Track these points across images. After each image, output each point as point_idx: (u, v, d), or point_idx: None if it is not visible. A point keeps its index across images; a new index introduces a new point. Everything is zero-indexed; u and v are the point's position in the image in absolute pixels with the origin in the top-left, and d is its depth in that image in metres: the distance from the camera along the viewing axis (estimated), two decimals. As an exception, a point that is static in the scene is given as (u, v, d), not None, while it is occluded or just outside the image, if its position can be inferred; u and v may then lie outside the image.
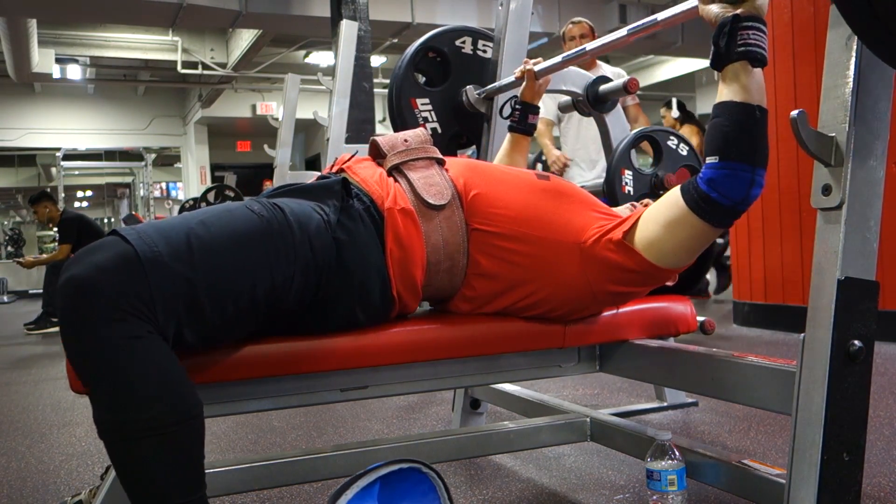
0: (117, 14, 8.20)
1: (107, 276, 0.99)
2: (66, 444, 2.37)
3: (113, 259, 1.00)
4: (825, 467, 1.00)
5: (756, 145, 1.16)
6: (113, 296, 0.98)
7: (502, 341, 1.39)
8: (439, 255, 1.30)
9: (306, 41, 10.92)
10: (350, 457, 1.47)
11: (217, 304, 1.09)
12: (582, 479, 1.76)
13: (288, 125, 5.10)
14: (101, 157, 14.15)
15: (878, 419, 2.12)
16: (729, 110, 1.16)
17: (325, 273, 1.20)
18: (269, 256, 1.13)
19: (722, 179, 1.17)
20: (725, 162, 1.16)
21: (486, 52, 2.26)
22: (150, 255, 1.02)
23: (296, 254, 1.16)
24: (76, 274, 0.99)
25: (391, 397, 2.64)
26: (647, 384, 2.66)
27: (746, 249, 4.22)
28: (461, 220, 1.32)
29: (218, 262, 1.09)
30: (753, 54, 1.14)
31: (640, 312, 1.51)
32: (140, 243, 1.03)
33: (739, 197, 1.17)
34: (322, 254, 1.19)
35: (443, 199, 1.31)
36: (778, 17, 3.88)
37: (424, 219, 1.29)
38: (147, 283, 1.01)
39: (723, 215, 1.20)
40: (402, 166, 1.35)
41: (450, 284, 1.35)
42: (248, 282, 1.12)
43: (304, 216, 1.20)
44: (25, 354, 4.84)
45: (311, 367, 1.24)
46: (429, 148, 1.39)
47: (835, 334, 1.01)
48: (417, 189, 1.31)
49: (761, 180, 1.17)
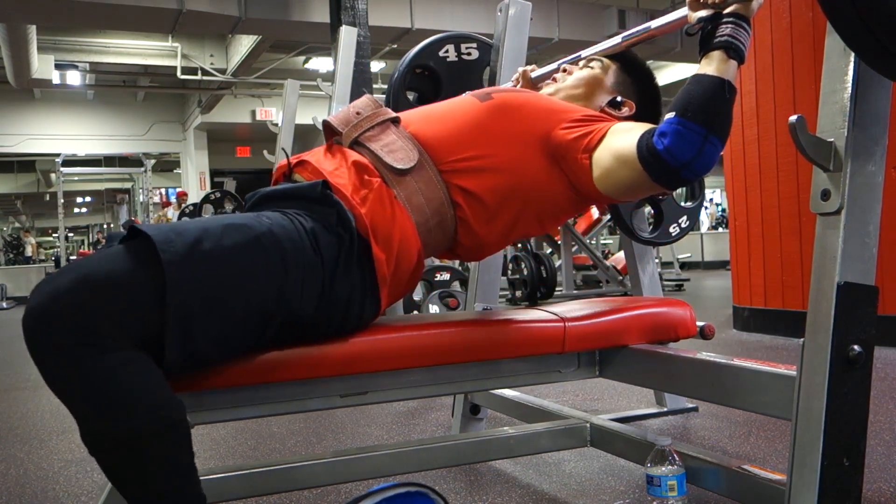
0: (117, 20, 8.22)
1: (61, 302, 0.97)
2: (65, 450, 2.37)
3: (71, 282, 0.98)
4: (825, 472, 1.00)
5: (717, 113, 1.18)
6: (71, 320, 0.96)
7: (502, 347, 1.39)
8: (426, 214, 1.29)
9: (305, 47, 10.95)
10: (350, 463, 1.47)
11: (220, 314, 1.06)
12: (582, 484, 1.75)
13: (287, 131, 5.10)
14: (100, 163, 14.15)
15: (879, 424, 2.12)
16: (699, 79, 1.21)
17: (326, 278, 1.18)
18: (272, 262, 1.11)
19: (672, 135, 1.18)
20: (681, 119, 1.18)
21: (471, 55, 2.26)
22: (113, 274, 1.00)
23: (304, 259, 1.14)
24: (33, 304, 0.99)
25: (391, 403, 2.64)
26: (646, 389, 2.66)
27: (746, 254, 4.23)
28: (435, 173, 1.30)
29: (221, 268, 1.07)
30: (729, 44, 1.19)
31: (640, 317, 1.50)
32: (126, 264, 1.02)
33: (685, 158, 1.18)
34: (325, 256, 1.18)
35: (411, 161, 1.29)
36: (776, 23, 3.88)
37: (400, 186, 1.27)
38: (109, 300, 0.98)
39: (662, 172, 1.21)
40: (361, 138, 1.32)
41: (444, 237, 1.34)
42: (257, 290, 1.10)
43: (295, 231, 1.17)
44: (24, 360, 4.84)
45: (310, 373, 1.24)
46: (380, 112, 1.36)
47: (834, 339, 1.01)
48: (383, 158, 1.28)
49: (712, 150, 1.17)
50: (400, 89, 2.21)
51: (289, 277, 1.12)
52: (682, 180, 1.22)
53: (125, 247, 1.05)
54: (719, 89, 1.19)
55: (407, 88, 2.23)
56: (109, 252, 1.05)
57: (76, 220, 24.28)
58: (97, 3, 7.33)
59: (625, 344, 1.49)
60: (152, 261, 1.01)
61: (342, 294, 1.19)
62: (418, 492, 1.23)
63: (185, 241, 1.04)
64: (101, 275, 1.00)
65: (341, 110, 1.39)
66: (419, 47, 2.24)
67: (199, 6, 7.70)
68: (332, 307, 1.19)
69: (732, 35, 1.20)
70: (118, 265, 1.02)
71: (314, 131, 4.82)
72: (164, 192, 16.18)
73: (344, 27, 4.20)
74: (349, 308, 1.21)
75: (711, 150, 1.17)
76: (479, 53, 2.28)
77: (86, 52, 10.60)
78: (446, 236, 1.34)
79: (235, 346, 1.13)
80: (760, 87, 4.01)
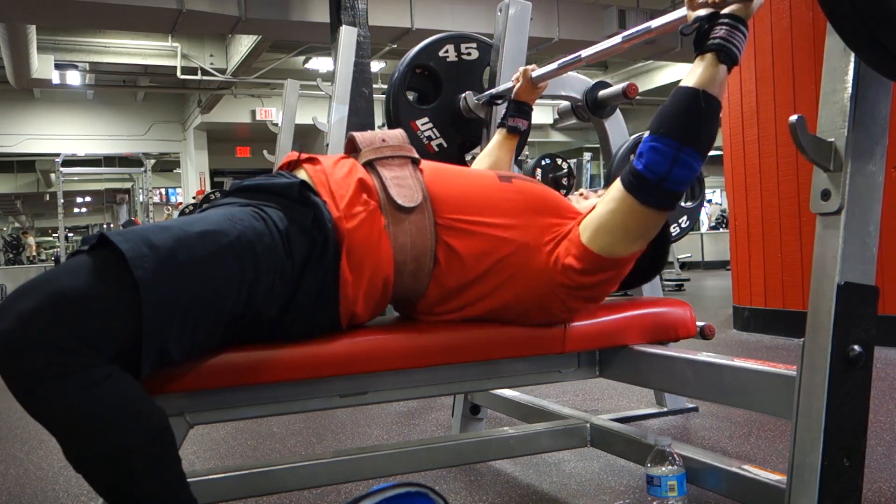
0: (117, 20, 8.22)
1: (29, 326, 0.94)
2: (65, 450, 2.37)
3: (39, 302, 0.96)
4: (825, 473, 1.00)
5: (689, 126, 1.19)
6: (39, 344, 0.94)
7: (502, 347, 1.39)
8: (406, 255, 1.27)
9: (305, 47, 10.95)
10: (350, 463, 1.46)
11: (194, 325, 1.06)
12: (582, 484, 1.75)
13: (287, 131, 5.10)
14: (100, 163, 14.13)
15: (879, 424, 2.12)
16: (674, 93, 1.22)
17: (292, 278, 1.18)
18: (246, 269, 1.11)
19: (648, 152, 1.20)
20: (654, 136, 1.21)
21: (471, 54, 2.26)
22: (83, 293, 0.98)
23: (275, 262, 1.14)
24: (1, 329, 0.95)
25: (391, 403, 2.64)
26: (646, 389, 2.66)
27: (746, 254, 4.23)
28: (431, 223, 1.29)
29: (196, 281, 1.06)
30: (721, 47, 1.18)
31: (640, 317, 1.50)
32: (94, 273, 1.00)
33: (663, 171, 1.19)
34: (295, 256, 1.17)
35: (413, 202, 1.28)
36: (777, 23, 3.89)
37: (393, 220, 1.26)
38: (81, 321, 0.96)
39: (649, 191, 1.21)
40: (376, 163, 1.32)
41: (414, 288, 1.31)
42: (228, 297, 1.09)
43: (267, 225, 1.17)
44: (24, 360, 4.83)
45: (310, 373, 1.24)
46: (405, 147, 1.37)
47: (835, 339, 1.01)
48: (388, 188, 1.28)
49: (689, 160, 1.19)
50: (400, 89, 2.21)
51: (259, 282, 1.12)
52: (666, 193, 1.21)
53: (94, 259, 1.02)
54: (693, 102, 1.19)
55: (407, 88, 2.23)
56: (77, 264, 1.01)
57: (76, 220, 24.28)
58: (97, 3, 7.33)
59: (625, 344, 1.49)
60: (124, 275, 0.99)
61: (307, 296, 1.19)
62: (418, 492, 1.23)
63: (158, 257, 1.02)
64: (70, 294, 0.97)
65: (370, 132, 1.41)
66: (419, 47, 2.24)
67: (199, 6, 7.69)
68: (295, 309, 1.19)
69: (726, 38, 1.19)
70: (87, 282, 0.99)
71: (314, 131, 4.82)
72: (164, 192, 16.19)
73: (344, 27, 4.19)
74: (313, 311, 1.21)
75: (687, 159, 1.19)
76: (479, 53, 2.28)
77: (86, 52, 10.60)
78: (416, 288, 1.32)
79: (202, 350, 1.13)
80: (760, 87, 4.02)
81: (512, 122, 1.85)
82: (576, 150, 15.38)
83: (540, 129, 15.69)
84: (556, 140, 16.56)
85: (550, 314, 1.38)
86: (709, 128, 1.21)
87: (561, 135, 16.46)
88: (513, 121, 1.85)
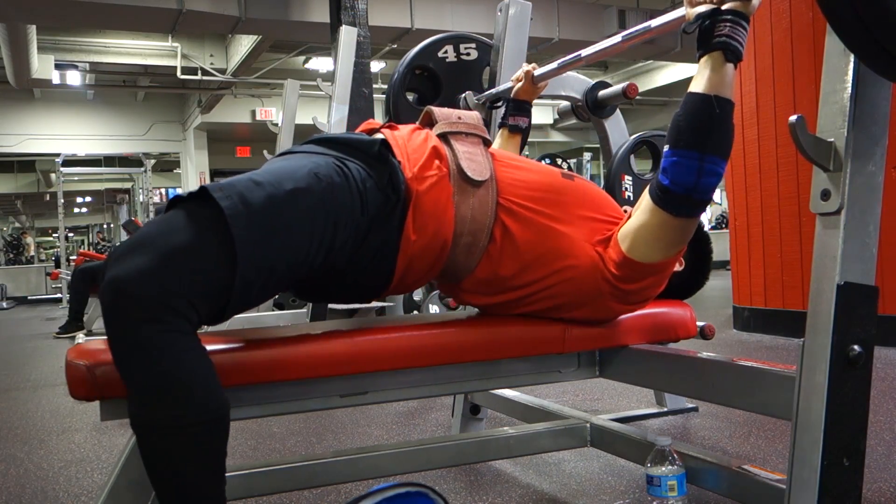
0: (117, 20, 8.21)
1: (147, 279, 1.00)
2: (65, 450, 2.37)
3: (154, 259, 1.01)
4: (825, 472, 1.00)
5: (707, 134, 1.19)
6: (152, 298, 0.99)
7: (502, 346, 1.39)
8: (464, 227, 1.30)
9: (306, 47, 10.94)
10: (349, 463, 1.47)
11: (276, 279, 1.13)
12: (582, 484, 1.75)
13: (287, 131, 5.09)
14: (100, 163, 14.13)
15: (879, 424, 2.12)
16: (686, 101, 1.21)
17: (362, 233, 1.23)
18: (326, 227, 1.16)
19: (671, 167, 1.21)
20: (674, 150, 1.20)
21: (470, 55, 2.25)
22: (192, 253, 1.04)
23: (352, 219, 1.19)
24: (117, 276, 1.00)
25: (391, 403, 2.64)
26: (647, 389, 2.66)
27: (746, 254, 4.23)
28: (493, 201, 1.32)
29: (285, 240, 1.12)
30: (727, 45, 1.17)
31: (640, 318, 1.50)
32: (198, 234, 1.06)
33: (690, 183, 1.20)
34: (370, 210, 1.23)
35: (481, 176, 1.32)
36: (777, 23, 3.89)
37: (459, 190, 1.30)
38: (191, 282, 1.02)
39: (679, 204, 1.22)
40: (451, 136, 1.37)
41: (465, 263, 1.34)
42: (310, 255, 1.15)
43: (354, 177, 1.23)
44: (24, 360, 4.83)
45: (310, 373, 1.24)
46: (479, 127, 1.42)
47: (834, 339, 1.01)
48: (460, 160, 1.32)
49: (714, 167, 1.19)
50: (400, 90, 2.20)
51: (336, 238, 1.18)
52: (696, 202, 1.23)
53: (196, 215, 1.08)
54: (706, 108, 1.19)
55: (407, 89, 2.23)
56: (181, 221, 1.07)
57: (76, 220, 24.27)
58: (97, 3, 7.32)
59: (625, 344, 1.49)
60: (223, 231, 1.05)
61: (370, 249, 1.24)
62: (418, 492, 1.23)
63: (252, 215, 1.08)
64: (181, 252, 1.03)
65: (445, 108, 1.45)
66: (418, 48, 2.24)
67: (199, 6, 7.69)
68: (356, 262, 1.23)
69: (731, 35, 1.18)
70: (195, 241, 1.05)
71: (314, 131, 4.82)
72: (165, 191, 16.18)
73: (344, 27, 4.19)
74: (371, 265, 1.25)
75: (712, 167, 1.19)
76: (479, 54, 2.28)
77: (86, 52, 10.59)
78: (467, 264, 1.34)
79: (272, 295, 1.20)
80: (760, 87, 4.02)
81: (513, 120, 1.86)
82: (576, 150, 15.39)
83: (540, 129, 15.68)
84: (556, 140, 16.55)
85: (597, 312, 1.39)
86: (727, 131, 1.21)
87: (561, 135, 16.45)
88: (514, 119, 1.86)
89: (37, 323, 7.89)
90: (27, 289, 12.68)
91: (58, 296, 11.09)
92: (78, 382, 1.09)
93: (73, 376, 1.10)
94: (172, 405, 1.00)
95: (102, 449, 2.36)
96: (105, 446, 2.39)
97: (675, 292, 1.58)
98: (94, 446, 2.40)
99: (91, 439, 2.49)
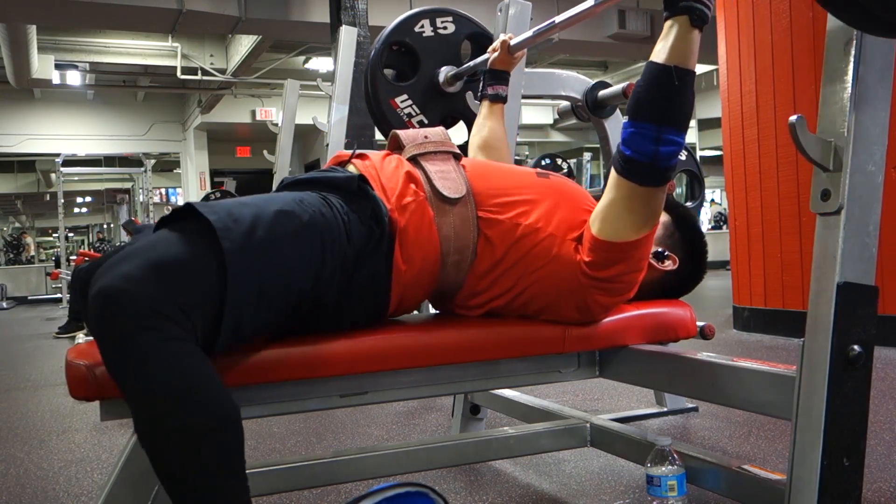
0: (117, 20, 8.21)
1: (136, 286, 0.98)
2: (66, 450, 2.37)
3: (142, 267, 1.00)
4: (825, 472, 1.00)
5: (664, 105, 1.19)
6: (143, 305, 0.97)
7: (502, 346, 1.39)
8: (449, 246, 1.31)
9: (306, 47, 10.94)
10: (350, 463, 1.47)
11: (267, 302, 1.11)
12: (582, 484, 1.75)
13: (287, 131, 5.09)
14: (100, 163, 14.13)
15: (879, 424, 2.12)
16: (646, 71, 1.21)
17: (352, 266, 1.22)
18: (314, 252, 1.16)
19: (630, 137, 1.22)
20: (632, 121, 1.22)
21: (447, 28, 2.19)
22: (182, 262, 1.03)
23: (339, 248, 1.19)
24: (106, 285, 0.98)
25: (391, 403, 2.64)
26: (647, 389, 2.66)
27: (746, 254, 4.22)
28: (473, 216, 1.33)
29: (274, 259, 1.11)
30: (692, 9, 1.16)
31: (640, 318, 1.50)
32: (188, 246, 1.05)
33: (650, 151, 1.20)
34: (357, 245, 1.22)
35: (458, 193, 1.32)
36: (777, 23, 3.89)
37: (439, 211, 1.30)
38: (180, 289, 1.01)
39: (644, 172, 1.23)
40: (420, 158, 1.37)
41: (455, 279, 1.35)
42: (299, 278, 1.14)
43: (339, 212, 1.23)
44: (24, 360, 4.83)
45: (310, 373, 1.24)
46: (447, 143, 1.42)
47: (834, 339, 1.01)
48: (434, 181, 1.32)
49: (671, 138, 1.20)
50: (377, 67, 2.15)
51: (325, 266, 1.17)
52: (660, 170, 1.23)
53: (183, 230, 1.07)
54: (666, 81, 1.18)
55: (384, 66, 2.17)
56: (169, 235, 1.07)
57: (76, 220, 24.26)
58: (97, 3, 7.32)
59: (625, 344, 1.49)
60: (212, 246, 1.05)
61: (361, 284, 1.23)
62: (418, 492, 1.24)
63: (241, 230, 1.08)
64: (169, 261, 1.02)
65: (411, 130, 1.46)
66: (394, 24, 2.18)
67: (199, 6, 7.69)
68: (348, 296, 1.23)
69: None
70: (183, 251, 1.04)
71: (314, 131, 4.82)
72: (165, 192, 16.18)
73: (344, 27, 4.19)
74: (364, 299, 1.25)
75: (669, 136, 1.20)
76: (456, 27, 2.21)
77: (86, 52, 10.59)
78: (456, 280, 1.35)
79: (269, 331, 1.18)
80: (760, 87, 4.01)
81: (492, 90, 1.85)
82: (576, 150, 15.37)
83: (540, 129, 15.68)
84: (556, 140, 16.55)
85: (584, 311, 1.39)
86: (684, 104, 1.20)
87: (561, 135, 16.45)
88: (493, 89, 1.86)
89: (37, 323, 7.89)
90: (27, 289, 12.68)
91: (58, 296, 11.09)
92: (78, 382, 1.09)
93: (73, 376, 1.09)
94: (181, 413, 0.97)
95: (102, 449, 2.36)
96: (105, 446, 2.39)
97: (670, 290, 1.58)
98: (94, 446, 2.40)
99: (91, 439, 2.49)
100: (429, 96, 2.20)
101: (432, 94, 2.20)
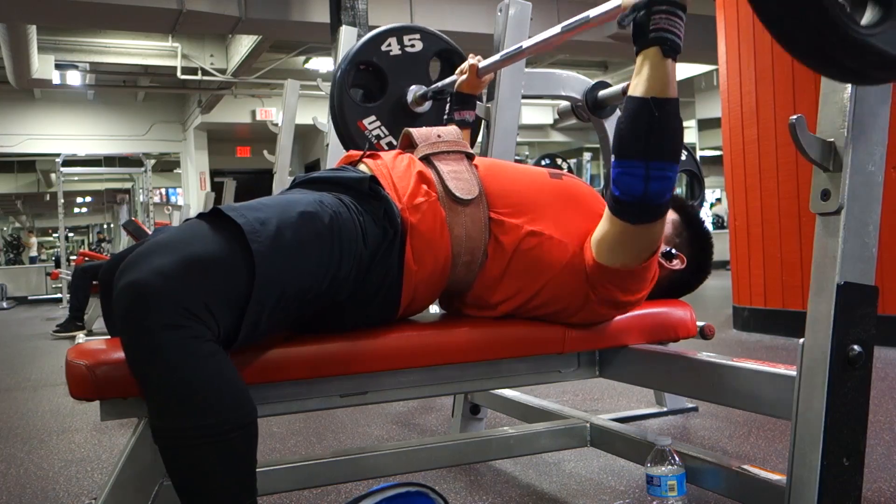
0: (117, 20, 8.20)
1: (168, 283, 0.98)
2: (66, 450, 2.37)
3: (177, 263, 1.00)
4: (825, 472, 1.00)
5: (649, 140, 1.15)
6: (173, 302, 0.97)
7: (502, 347, 1.39)
8: (461, 247, 1.31)
9: (306, 47, 10.93)
10: (350, 463, 1.46)
11: (285, 303, 1.11)
12: (582, 484, 1.75)
13: (287, 131, 5.09)
14: (100, 163, 14.11)
15: (878, 424, 2.12)
16: (625, 107, 1.19)
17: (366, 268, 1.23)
18: (333, 253, 1.16)
19: (618, 178, 1.19)
20: (619, 161, 1.18)
21: (415, 46, 2.15)
22: (215, 260, 1.04)
23: (355, 249, 1.19)
24: (136, 279, 0.98)
25: (391, 403, 2.64)
26: (646, 389, 2.66)
27: (746, 254, 4.22)
28: (485, 216, 1.32)
29: (297, 262, 1.11)
30: (663, 39, 1.11)
31: (640, 318, 1.50)
32: (217, 247, 1.05)
33: (639, 192, 1.17)
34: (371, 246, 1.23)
35: (470, 194, 1.32)
36: (776, 23, 3.88)
37: (451, 212, 1.30)
38: (208, 287, 1.01)
39: (630, 212, 1.20)
40: (433, 157, 1.37)
41: (464, 280, 1.35)
42: (318, 280, 1.15)
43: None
44: (24, 360, 4.83)
45: (310, 373, 1.24)
46: (460, 143, 1.41)
47: (834, 339, 1.01)
48: (446, 181, 1.32)
49: (660, 173, 1.16)
50: (343, 88, 2.10)
51: (342, 267, 1.18)
52: (652, 208, 1.20)
53: (215, 229, 1.08)
54: (644, 113, 1.14)
55: (351, 86, 2.12)
56: (202, 231, 1.07)
57: (76, 220, 24.24)
58: (97, 3, 7.31)
59: (625, 344, 1.49)
60: (241, 247, 1.05)
61: (373, 283, 1.24)
62: (418, 492, 1.24)
63: (268, 233, 1.08)
64: (206, 259, 1.03)
65: (424, 128, 1.44)
66: (360, 43, 2.13)
67: (199, 6, 7.68)
68: (361, 295, 1.23)
69: (667, 28, 1.10)
70: (217, 250, 1.05)
71: (314, 131, 4.83)
72: (165, 192, 16.18)
73: (344, 27, 4.19)
74: (376, 298, 1.25)
75: (659, 173, 1.16)
76: (424, 44, 2.17)
77: (86, 52, 10.58)
78: (466, 280, 1.35)
79: (280, 330, 1.19)
80: (760, 87, 4.01)
81: (458, 115, 1.83)
82: (576, 150, 15.37)
83: (540, 129, 15.67)
84: (556, 140, 16.54)
85: (593, 316, 1.39)
86: (669, 134, 1.16)
87: (561, 135, 16.44)
88: (459, 114, 1.83)
89: (37, 323, 7.89)
90: (27, 289, 12.67)
91: (58, 296, 11.08)
92: (78, 382, 1.09)
93: (73, 376, 1.09)
94: (200, 414, 0.97)
95: (102, 449, 2.36)
96: (105, 446, 2.39)
97: (677, 288, 1.59)
98: (94, 446, 2.40)
99: (91, 439, 2.49)
100: (397, 116, 2.14)
101: (400, 114, 2.14)
